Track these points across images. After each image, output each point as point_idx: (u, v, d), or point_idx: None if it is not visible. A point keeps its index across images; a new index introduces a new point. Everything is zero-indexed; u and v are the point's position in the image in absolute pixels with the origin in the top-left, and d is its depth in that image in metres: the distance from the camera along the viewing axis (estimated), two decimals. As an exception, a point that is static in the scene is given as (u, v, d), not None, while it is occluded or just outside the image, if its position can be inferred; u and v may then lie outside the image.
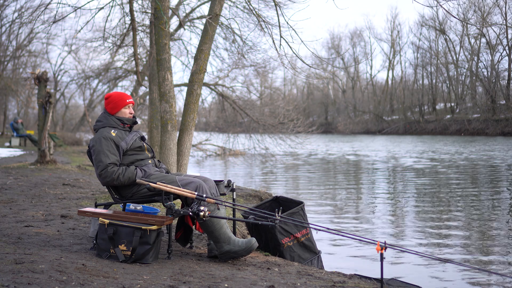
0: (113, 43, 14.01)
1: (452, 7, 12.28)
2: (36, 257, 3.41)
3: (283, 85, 64.84)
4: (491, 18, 48.20)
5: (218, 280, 3.29)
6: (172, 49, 17.34)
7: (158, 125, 10.21)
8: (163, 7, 6.83)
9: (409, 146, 30.45)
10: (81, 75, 31.40)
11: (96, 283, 2.91)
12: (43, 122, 11.26)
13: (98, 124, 4.11)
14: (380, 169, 16.31)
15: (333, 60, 62.19)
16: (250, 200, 7.64)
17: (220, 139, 23.02)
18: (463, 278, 4.83)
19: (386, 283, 3.73)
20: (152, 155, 4.20)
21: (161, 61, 6.88)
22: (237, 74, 19.24)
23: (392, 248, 3.46)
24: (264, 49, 22.24)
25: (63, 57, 53.03)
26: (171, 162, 6.83)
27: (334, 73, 62.85)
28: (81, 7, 8.47)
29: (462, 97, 56.18)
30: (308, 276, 3.66)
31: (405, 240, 6.39)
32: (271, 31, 7.52)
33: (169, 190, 3.76)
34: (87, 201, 6.50)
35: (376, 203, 9.41)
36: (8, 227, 4.53)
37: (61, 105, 44.64)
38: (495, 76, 49.98)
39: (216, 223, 3.85)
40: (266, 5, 11.05)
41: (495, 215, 7.97)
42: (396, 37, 64.13)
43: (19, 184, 8.04)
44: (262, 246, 4.54)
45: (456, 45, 56.19)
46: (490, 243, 6.21)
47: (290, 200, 4.94)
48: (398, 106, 63.86)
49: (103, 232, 3.68)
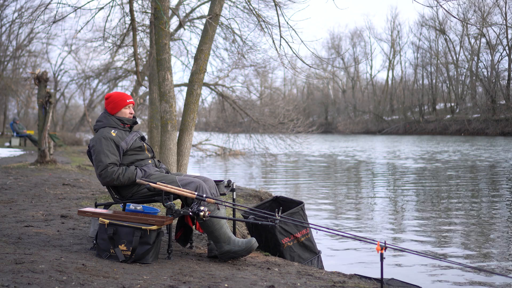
0: (113, 43, 14.02)
1: (452, 7, 12.29)
2: (36, 257, 3.41)
3: (283, 85, 64.94)
4: (491, 18, 48.26)
5: (218, 280, 3.29)
6: (172, 49, 17.34)
7: (158, 125, 10.22)
8: (163, 7, 6.83)
9: (409, 146, 30.45)
10: (81, 75, 31.40)
11: (96, 283, 2.91)
12: (43, 122, 11.27)
13: (98, 124, 4.11)
14: (380, 169, 16.30)
15: (333, 60, 62.24)
16: (250, 200, 7.64)
17: (220, 139, 23.01)
18: (463, 278, 4.83)
19: (386, 283, 3.73)
20: (152, 155, 4.20)
21: (161, 61, 6.89)
22: (237, 74, 19.23)
23: (392, 248, 3.46)
24: (264, 49, 22.25)
25: (63, 57, 53.13)
26: (171, 162, 6.83)
27: (334, 73, 62.88)
28: (81, 7, 8.47)
29: (462, 97, 56.20)
30: (308, 276, 3.66)
31: (405, 240, 6.39)
32: (271, 31, 7.52)
33: (169, 190, 3.77)
34: (87, 201, 6.50)
35: (376, 203, 9.41)
36: (8, 227, 4.53)
37: (61, 105, 44.66)
38: (495, 76, 49.99)
39: (216, 223, 3.85)
40: (266, 5, 11.05)
41: (495, 215, 7.97)
42: (396, 37, 64.23)
43: (19, 184, 8.04)
44: (262, 246, 4.54)
45: (456, 45, 56.28)
46: (490, 243, 6.21)
47: (290, 200, 4.94)
48: (398, 106, 63.88)
49: (103, 232, 3.68)
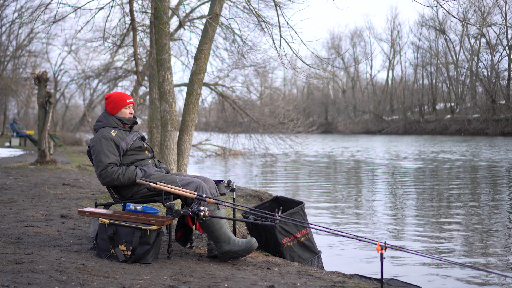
0: (113, 43, 14.02)
1: (452, 7, 12.29)
2: (36, 257, 3.41)
3: (283, 85, 64.94)
4: (491, 18, 48.25)
5: (218, 280, 3.29)
6: (172, 49, 17.33)
7: (158, 125, 10.22)
8: (163, 7, 6.83)
9: (409, 146, 30.45)
10: (81, 75, 31.40)
11: (96, 283, 2.91)
12: (43, 122, 11.27)
13: (98, 124, 4.11)
14: (380, 169, 16.30)
15: (333, 60, 62.24)
16: (250, 200, 7.64)
17: (220, 139, 23.01)
18: (463, 278, 4.83)
19: (386, 283, 3.73)
20: (152, 155, 4.20)
21: (161, 61, 6.89)
22: (237, 74, 19.24)
23: (392, 248, 3.46)
24: (264, 49, 22.25)
25: (63, 57, 53.12)
26: (171, 162, 6.83)
27: (334, 73, 62.88)
28: (81, 7, 8.48)
29: (462, 97, 56.20)
30: (308, 276, 3.66)
31: (405, 240, 6.39)
32: (271, 31, 7.52)
33: (169, 190, 3.76)
34: (87, 201, 6.50)
35: (376, 203, 9.41)
36: (8, 227, 4.53)
37: (61, 105, 44.66)
38: (495, 76, 49.98)
39: (216, 223, 3.85)
40: (266, 5, 11.05)
41: (495, 215, 7.97)
42: (396, 37, 64.23)
43: (19, 184, 8.04)
44: (262, 246, 4.54)
45: (456, 45, 56.28)
46: (490, 243, 6.21)
47: (290, 200, 4.94)
48: (398, 106, 63.88)
49: (103, 232, 3.68)
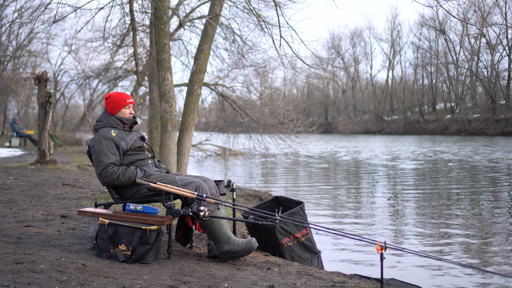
0: (113, 43, 14.03)
1: (452, 7, 12.31)
2: (36, 257, 3.41)
3: (283, 85, 64.94)
4: (491, 18, 48.22)
5: (218, 280, 3.29)
6: (172, 49, 17.34)
7: (158, 125, 10.22)
8: (163, 7, 6.83)
9: (409, 146, 30.45)
10: (81, 75, 31.37)
11: (96, 283, 2.91)
12: (43, 122, 11.26)
13: (98, 124, 4.11)
14: (380, 169, 16.30)
15: (333, 60, 62.20)
16: (250, 200, 7.64)
17: (220, 139, 23.00)
18: (463, 278, 4.83)
19: (386, 283, 3.73)
20: (152, 155, 4.20)
21: (161, 61, 6.89)
22: (237, 74, 19.25)
23: (392, 248, 3.46)
24: (264, 49, 22.23)
25: (63, 57, 53.21)
26: (171, 162, 6.83)
27: (334, 73, 62.90)
28: (81, 7, 8.48)
29: (462, 97, 56.19)
30: (308, 276, 3.66)
31: (405, 240, 6.39)
32: (271, 31, 7.52)
33: (169, 190, 3.76)
34: (87, 201, 6.50)
35: (376, 203, 9.41)
36: (8, 227, 4.53)
37: (61, 105, 44.66)
38: (495, 76, 49.99)
39: (216, 223, 3.85)
40: (266, 5, 11.04)
41: (495, 215, 7.97)
42: (396, 37, 64.22)
43: (19, 184, 8.04)
44: (262, 246, 4.54)
45: (456, 45, 56.26)
46: (490, 243, 6.21)
47: (290, 200, 4.94)
48: (398, 106, 63.88)
49: (103, 232, 3.68)
